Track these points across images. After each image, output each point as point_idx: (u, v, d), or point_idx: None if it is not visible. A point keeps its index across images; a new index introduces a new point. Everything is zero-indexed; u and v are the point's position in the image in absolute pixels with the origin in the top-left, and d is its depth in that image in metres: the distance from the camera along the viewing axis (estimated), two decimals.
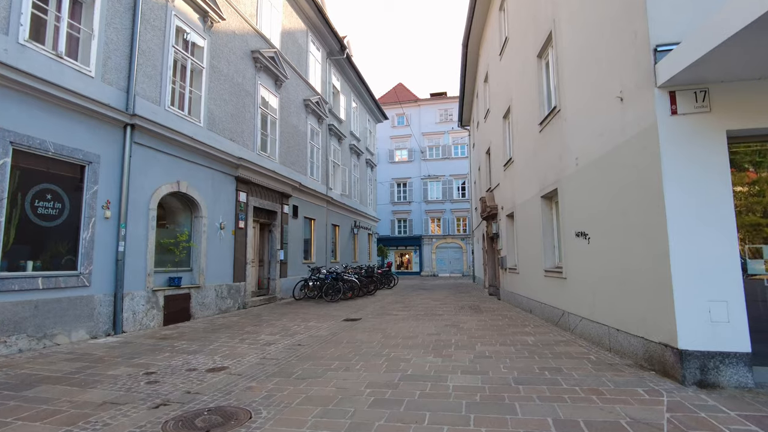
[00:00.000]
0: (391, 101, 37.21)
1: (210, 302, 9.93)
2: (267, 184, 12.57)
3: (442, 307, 11.38)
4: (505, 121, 12.13)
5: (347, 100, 21.09)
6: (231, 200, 11.00)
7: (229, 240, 10.85)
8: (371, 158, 25.30)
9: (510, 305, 11.55)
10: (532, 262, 9.31)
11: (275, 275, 13.08)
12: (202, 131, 9.91)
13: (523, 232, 10.16)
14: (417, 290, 18.15)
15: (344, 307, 11.62)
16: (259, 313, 10.39)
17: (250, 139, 11.99)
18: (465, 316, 9.47)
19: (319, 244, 16.59)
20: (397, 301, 13.49)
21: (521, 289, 10.42)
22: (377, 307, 11.81)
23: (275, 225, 13.26)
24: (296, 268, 14.41)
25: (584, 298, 6.34)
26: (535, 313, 9.19)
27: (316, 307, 11.80)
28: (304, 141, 15.54)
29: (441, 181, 36.19)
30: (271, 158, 13.11)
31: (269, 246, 13.22)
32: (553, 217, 8.31)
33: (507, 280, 12.13)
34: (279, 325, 8.54)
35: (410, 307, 11.71)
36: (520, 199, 10.31)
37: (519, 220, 10.51)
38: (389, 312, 10.57)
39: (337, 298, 13.04)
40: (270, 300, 12.59)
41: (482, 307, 11.23)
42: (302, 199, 15.15)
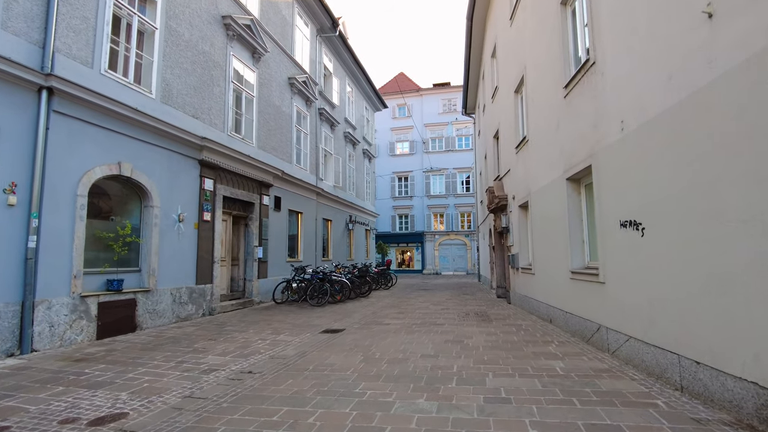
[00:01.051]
0: (391, 91, 35.44)
1: (164, 309, 8.29)
2: (241, 170, 10.90)
3: (444, 314, 9.69)
4: (517, 95, 10.39)
5: (341, 84, 19.38)
6: (193, 188, 9.34)
7: (191, 235, 9.20)
8: (369, 149, 23.59)
9: (523, 311, 9.84)
10: (552, 261, 7.60)
11: (252, 276, 11.43)
12: (154, 104, 8.24)
13: (540, 225, 8.44)
14: (417, 291, 16.47)
15: (329, 313, 9.96)
16: (225, 322, 8.75)
17: (220, 118, 10.31)
18: (470, 327, 7.77)
19: (307, 240, 14.93)
20: (392, 304, 11.80)
21: (538, 292, 8.71)
22: (368, 312, 10.13)
23: (252, 218, 11.60)
24: (279, 267, 12.76)
25: (635, 311, 4.63)
26: (556, 324, 7.48)
27: (296, 313, 10.14)
28: (289, 124, 13.85)
29: (444, 174, 34.42)
30: (247, 141, 11.44)
31: (245, 242, 11.57)
32: (583, 203, 6.59)
33: (519, 281, 10.41)
34: (240, 340, 6.88)
35: (406, 313, 10.02)
36: (536, 184, 8.58)
37: (535, 210, 8.79)
38: (380, 320, 8.89)
39: (324, 301, 11.38)
40: (245, 304, 10.95)
41: (490, 314, 9.53)
42: (286, 190, 13.48)
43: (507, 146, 11.51)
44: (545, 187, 7.94)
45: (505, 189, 11.90)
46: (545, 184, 7.93)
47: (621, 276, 4.95)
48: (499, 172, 12.85)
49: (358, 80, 21.61)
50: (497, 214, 12.87)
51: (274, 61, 12.99)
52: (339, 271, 14.33)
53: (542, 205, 8.20)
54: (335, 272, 13.79)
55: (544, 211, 8.11)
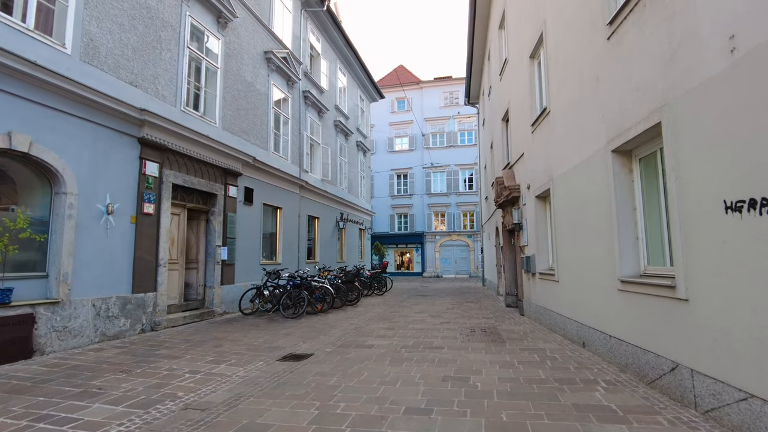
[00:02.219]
0: (390, 84, 33.60)
1: (82, 326, 6.41)
2: (199, 154, 9.04)
3: (444, 330, 7.79)
4: (533, 62, 8.50)
5: (331, 67, 17.53)
6: (130, 172, 7.48)
7: (126, 231, 7.34)
8: (363, 141, 21.71)
9: (541, 327, 7.93)
10: (587, 265, 5.69)
11: (213, 281, 9.55)
12: (70, 62, 6.39)
13: (567, 218, 6.54)
14: (414, 297, 14.55)
15: (302, 329, 8.07)
16: (164, 342, 6.87)
17: (170, 89, 8.45)
18: (477, 353, 5.87)
19: (288, 239, 13.04)
20: (382, 315, 9.90)
21: (563, 305, 6.80)
22: (350, 327, 8.24)
23: (215, 212, 9.73)
24: (250, 271, 10.88)
25: (757, 351, 2.72)
26: (593, 349, 5.56)
27: (261, 328, 8.26)
28: (265, 105, 11.99)
29: (445, 171, 32.51)
30: (208, 120, 9.57)
31: (205, 241, 9.69)
32: (637, 184, 4.69)
33: (536, 289, 8.50)
34: (162, 372, 5.01)
35: (397, 328, 8.12)
36: (562, 166, 6.68)
37: (560, 199, 6.88)
38: (363, 339, 7.00)
39: (301, 312, 9.49)
40: (202, 316, 9.06)
41: (501, 331, 7.62)
42: (261, 181, 11.61)
43: (519, 127, 9.61)
44: (576, 167, 6.03)
45: (516, 178, 10.00)
46: (576, 164, 6.03)
47: (724, 290, 3.05)
48: (509, 159, 10.95)
49: (351, 66, 19.76)
50: (507, 208, 10.97)
51: (245, 31, 11.14)
52: (324, 275, 12.45)
53: (571, 191, 6.29)
54: (319, 277, 11.91)
55: (573, 200, 6.20)
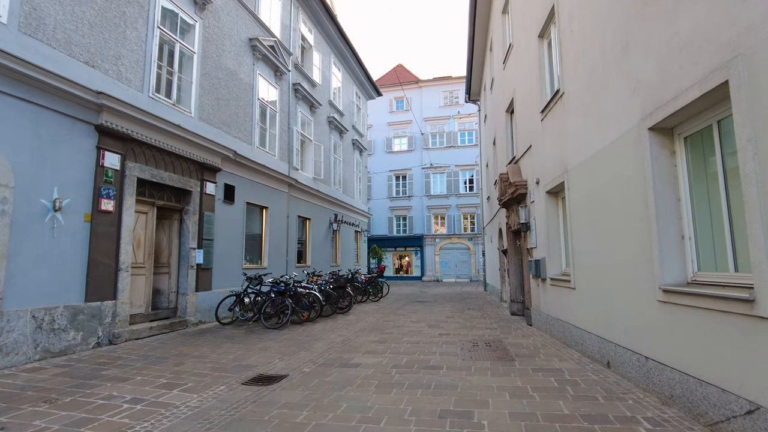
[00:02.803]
0: (389, 83, 32.76)
1: (17, 342, 5.46)
2: (171, 146, 8.12)
3: (443, 344, 6.83)
4: (542, 41, 7.60)
5: (324, 61, 16.65)
6: (85, 164, 6.55)
7: (79, 230, 6.40)
8: (360, 140, 20.80)
9: (554, 340, 6.97)
10: (613, 270, 4.75)
11: (187, 288, 8.59)
12: (5, 33, 5.48)
13: (587, 215, 5.60)
14: (411, 304, 13.59)
15: (282, 342, 7.12)
16: (117, 359, 5.91)
17: (136, 72, 7.54)
18: (482, 376, 4.91)
19: (275, 242, 12.10)
20: (375, 326, 8.94)
21: (582, 317, 5.85)
22: (337, 341, 7.29)
23: (189, 211, 8.79)
24: (230, 276, 9.93)
25: None
26: (621, 371, 4.60)
27: (236, 341, 7.30)
28: (249, 96, 11.08)
29: (445, 172, 31.58)
30: (181, 109, 8.66)
31: (178, 243, 8.75)
32: (682, 169, 3.76)
33: (547, 297, 7.55)
34: (96, 401, 4.07)
35: (390, 341, 7.17)
36: (580, 154, 5.75)
37: (577, 193, 5.95)
38: (349, 356, 6.04)
39: (284, 322, 8.54)
40: (173, 327, 8.10)
41: (509, 346, 6.66)
42: (244, 178, 10.68)
43: (526, 116, 8.69)
44: (598, 155, 5.10)
45: (523, 173, 9.07)
46: (597, 151, 5.10)
47: None
48: (515, 153, 10.02)
49: (347, 60, 18.89)
50: (511, 207, 10.03)
51: (227, 15, 10.25)
52: (313, 280, 11.51)
53: (591, 183, 5.36)
54: (308, 282, 10.97)
55: (595, 193, 5.27)
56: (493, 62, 13.47)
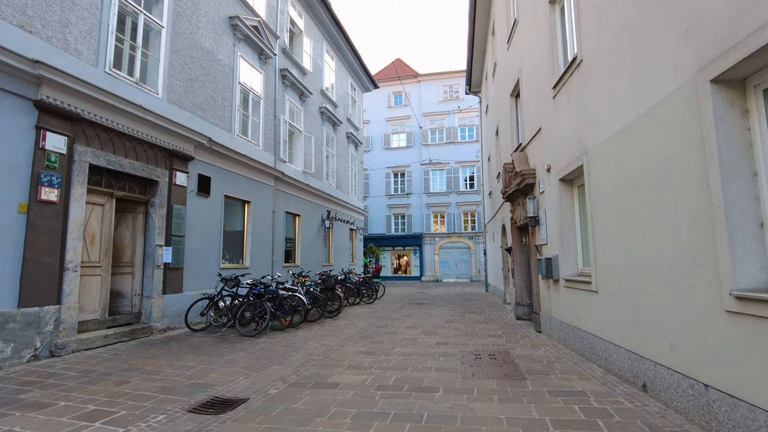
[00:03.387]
0: (387, 77, 31.79)
1: None
2: (132, 129, 7.16)
3: (440, 356, 5.85)
4: (553, 7, 6.63)
5: (316, 48, 15.68)
6: (20, 145, 5.58)
7: (11, 224, 5.44)
8: (355, 134, 19.83)
9: (569, 351, 6.00)
10: (653, 269, 3.78)
11: (152, 290, 7.62)
12: None
13: (613, 203, 4.62)
14: (408, 306, 12.61)
15: (255, 353, 6.16)
16: (53, 375, 4.95)
17: (88, 43, 6.57)
18: (488, 402, 3.93)
19: (259, 239, 11.13)
20: (364, 333, 7.97)
21: (606, 326, 4.87)
22: (318, 352, 6.32)
23: (155, 204, 7.82)
24: (205, 276, 8.96)
25: None
26: (665, 399, 3.63)
27: (203, 351, 6.33)
28: (228, 79, 10.10)
29: (445, 169, 30.59)
30: (146, 89, 7.68)
31: (143, 239, 7.78)
32: (758, 132, 2.79)
33: (560, 300, 6.58)
34: None
35: (379, 353, 6.20)
36: (602, 131, 4.78)
37: (600, 177, 4.97)
38: (327, 374, 5.08)
39: (262, 328, 7.57)
40: (135, 334, 7.13)
41: (517, 358, 5.68)
42: (222, 168, 9.70)
43: (535, 95, 7.72)
44: (630, 126, 4.13)
45: (531, 161, 8.09)
46: (630, 122, 4.13)
47: None
48: (521, 140, 9.03)
49: (341, 49, 17.92)
50: (517, 200, 9.06)
51: None
52: (301, 281, 10.54)
53: (621, 163, 4.38)
54: (294, 283, 10.01)
55: (625, 175, 4.29)
56: (496, 46, 12.50)
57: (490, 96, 14.90)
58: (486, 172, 17.68)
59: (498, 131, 12.65)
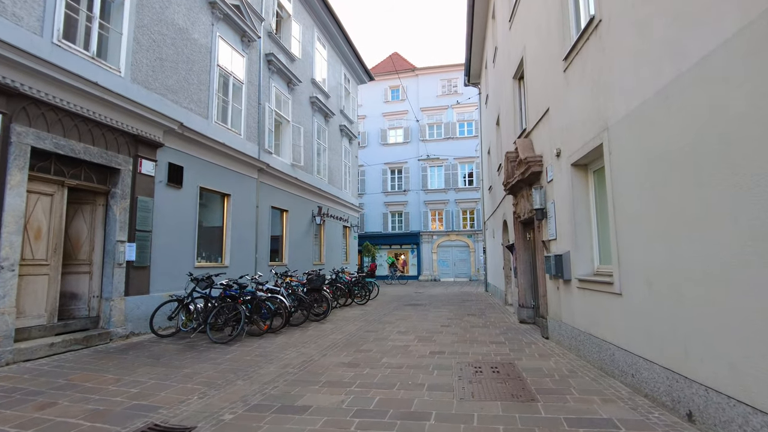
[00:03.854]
0: (384, 71, 30.95)
1: None
2: (87, 110, 6.33)
3: (434, 369, 5.03)
4: None
5: (306, 35, 14.83)
6: None
7: None
8: (349, 127, 18.99)
9: (584, 362, 5.18)
10: (708, 269, 2.96)
11: (112, 291, 6.79)
12: None
13: (642, 188, 3.79)
14: (403, 308, 11.80)
15: (222, 363, 5.33)
16: None
17: (29, 8, 5.73)
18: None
19: (240, 236, 10.29)
20: (351, 339, 7.16)
21: (632, 337, 4.05)
22: (295, 363, 5.50)
23: (117, 195, 6.99)
24: (177, 276, 8.12)
25: None
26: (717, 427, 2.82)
27: (162, 361, 5.50)
28: (205, 61, 9.26)
29: (443, 165, 29.74)
30: (105, 65, 6.84)
31: (103, 234, 6.95)
32: None
33: (572, 303, 5.76)
34: None
35: (364, 364, 5.38)
36: (628, 102, 3.95)
37: (627, 156, 4.14)
38: (298, 394, 4.25)
39: (236, 334, 6.74)
40: (90, 341, 6.29)
41: (524, 371, 4.86)
42: (196, 157, 8.86)
43: (542, 72, 6.90)
44: (671, 89, 3.31)
45: (536, 147, 7.27)
46: (669, 82, 3.31)
47: None
48: (525, 125, 8.21)
49: (333, 38, 17.07)
50: (521, 192, 8.24)
51: None
52: (286, 280, 9.72)
53: (656, 136, 3.56)
54: (277, 284, 9.19)
55: (663, 150, 3.47)
56: (497, 29, 11.67)
57: (490, 85, 14.08)
58: (486, 165, 16.86)
59: (499, 120, 11.83)
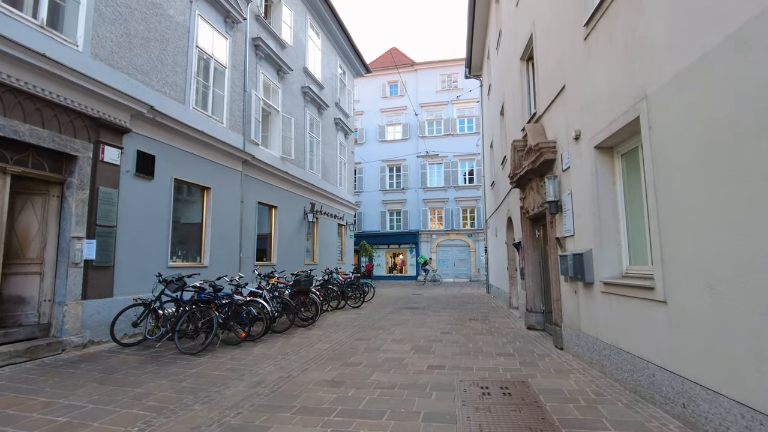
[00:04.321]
0: (382, 65, 30.13)
1: None
2: (34, 87, 5.51)
3: (432, 389, 4.21)
4: None
5: (299, 21, 14.00)
6: None
7: None
8: (345, 120, 18.16)
9: (612, 381, 4.35)
10: None
11: (66, 294, 5.96)
12: None
13: (701, 165, 2.96)
14: (399, 311, 10.97)
15: (186, 379, 4.50)
16: None
17: None
18: None
19: (222, 233, 9.46)
20: (338, 349, 6.33)
21: (684, 358, 3.23)
22: (268, 381, 4.67)
23: (73, 185, 6.16)
24: (147, 277, 7.27)
25: None
26: None
27: (116, 377, 4.67)
28: (182, 40, 8.42)
29: (443, 163, 28.90)
30: (58, 37, 6.01)
31: (57, 229, 6.11)
32: None
33: (594, 310, 4.94)
34: None
35: (350, 383, 4.55)
36: (678, 60, 3.13)
37: (673, 129, 3.31)
38: (263, 424, 3.43)
39: (208, 342, 5.91)
40: (36, 352, 5.45)
41: (541, 393, 4.03)
42: (171, 145, 8.02)
43: (557, 46, 6.07)
44: (753, 26, 2.49)
45: (549, 132, 6.44)
46: (747, 22, 2.49)
47: None
48: (536, 109, 7.39)
49: (328, 26, 16.24)
50: (530, 184, 7.42)
51: None
52: (272, 282, 8.89)
53: (721, 99, 2.74)
54: (260, 286, 8.37)
55: (727, 117, 2.65)
56: (501, 12, 10.86)
57: (492, 74, 13.25)
58: (488, 160, 16.03)
59: (503, 109, 11.01)
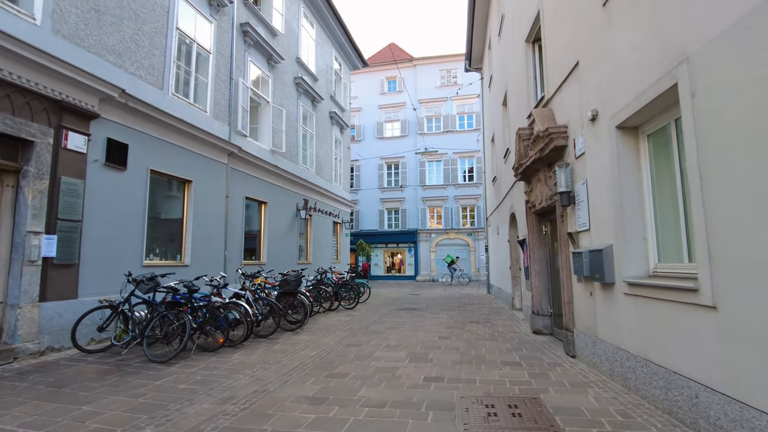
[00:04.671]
0: (381, 61, 29.50)
1: None
2: None
3: (429, 408, 3.59)
4: None
5: (291, 9, 13.36)
6: None
7: None
8: (340, 114, 17.52)
9: (637, 398, 3.74)
10: None
11: (20, 295, 5.33)
12: None
13: None
14: (396, 312, 10.35)
15: (147, 394, 3.88)
16: None
17: None
18: None
19: (204, 230, 8.82)
20: (325, 358, 5.71)
21: (740, 378, 2.62)
22: (241, 395, 4.05)
23: (29, 174, 5.53)
24: (117, 277, 6.62)
25: None
26: None
27: (66, 391, 4.04)
28: (161, 21, 7.79)
29: (442, 160, 28.27)
30: (10, 7, 5.38)
31: (11, 224, 5.48)
32: None
33: (614, 315, 4.34)
34: None
35: (334, 401, 3.93)
36: (729, 12, 2.51)
37: (726, 94, 2.70)
38: None
39: (179, 349, 5.28)
40: None
41: (557, 414, 3.41)
42: (146, 134, 7.37)
43: (569, 19, 5.45)
44: None
45: (559, 116, 5.82)
46: None
47: None
48: (545, 91, 6.76)
49: (323, 16, 15.61)
50: (537, 175, 6.81)
51: None
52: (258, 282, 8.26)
53: None
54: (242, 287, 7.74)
55: None
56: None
57: (494, 64, 12.64)
58: (489, 155, 15.41)
59: (506, 99, 10.39)
